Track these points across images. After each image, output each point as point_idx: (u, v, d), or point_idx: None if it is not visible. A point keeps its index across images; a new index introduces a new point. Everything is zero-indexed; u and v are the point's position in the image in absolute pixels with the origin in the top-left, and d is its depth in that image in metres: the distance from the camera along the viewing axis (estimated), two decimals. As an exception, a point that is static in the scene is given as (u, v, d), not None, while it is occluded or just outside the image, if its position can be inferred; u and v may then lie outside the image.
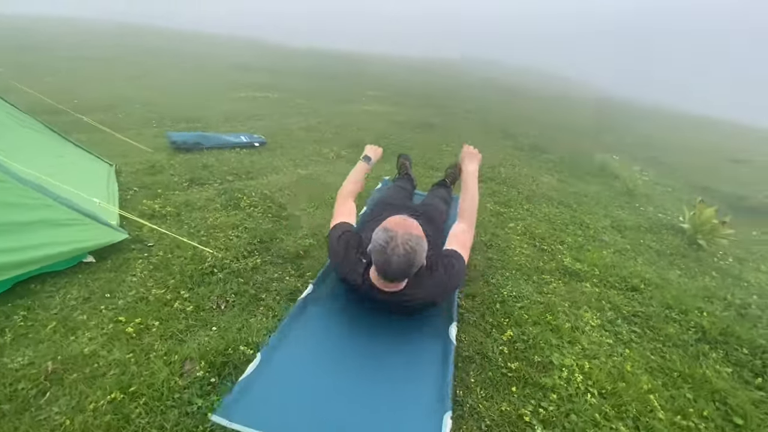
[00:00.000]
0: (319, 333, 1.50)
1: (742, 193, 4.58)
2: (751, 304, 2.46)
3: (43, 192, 1.93)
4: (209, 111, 5.43)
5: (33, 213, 1.86)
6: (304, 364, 1.34)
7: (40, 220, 1.87)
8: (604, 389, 1.65)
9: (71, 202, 2.01)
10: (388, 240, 1.27)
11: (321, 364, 1.36)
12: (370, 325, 1.57)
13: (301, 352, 1.39)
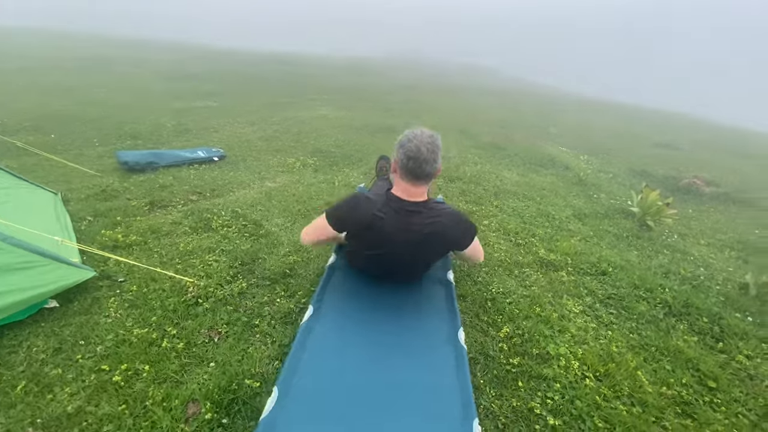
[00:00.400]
0: (330, 355, 1.47)
1: (673, 175, 5.12)
2: (700, 275, 2.76)
3: None
4: (154, 125, 5.07)
5: (-20, 259, 1.64)
6: (323, 391, 1.31)
7: (-10, 267, 1.65)
8: (598, 372, 1.77)
9: (23, 242, 1.79)
10: (414, 134, 1.48)
11: (340, 387, 1.33)
12: (379, 335, 1.58)
13: (316, 379, 1.35)
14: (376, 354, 1.50)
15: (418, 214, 1.52)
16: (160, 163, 3.56)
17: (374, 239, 1.59)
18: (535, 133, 6.90)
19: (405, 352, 1.52)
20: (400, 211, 1.52)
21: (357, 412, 1.24)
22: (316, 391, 1.30)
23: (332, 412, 1.23)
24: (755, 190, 4.72)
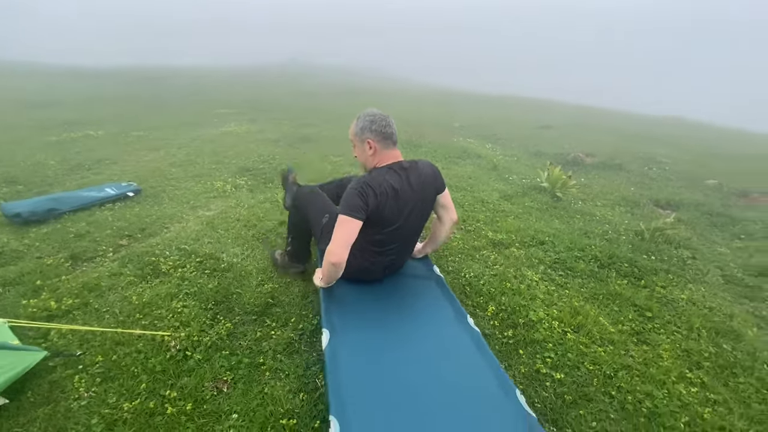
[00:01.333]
0: (365, 367, 1.50)
1: (561, 152, 6.08)
2: (608, 230, 3.39)
3: None
4: (32, 164, 4.20)
5: None
6: (376, 402, 1.33)
7: None
8: (573, 326, 2.09)
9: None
10: (372, 113, 1.80)
11: (389, 393, 1.38)
12: (400, 337, 1.68)
13: (364, 395, 1.36)
14: (404, 355, 1.57)
15: (410, 170, 1.80)
16: (63, 209, 3.00)
17: (394, 209, 1.75)
18: (443, 128, 7.49)
19: (429, 347, 1.62)
20: (401, 171, 1.77)
21: (416, 407, 1.32)
22: (371, 406, 1.32)
23: (396, 416, 1.28)
24: (622, 157, 5.88)
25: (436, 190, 1.95)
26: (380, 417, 1.28)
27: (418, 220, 1.93)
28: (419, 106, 11.26)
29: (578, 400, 1.66)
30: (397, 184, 1.74)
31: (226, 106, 8.91)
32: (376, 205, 1.70)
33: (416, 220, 1.91)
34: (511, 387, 1.42)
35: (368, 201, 1.68)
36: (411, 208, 1.82)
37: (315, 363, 1.76)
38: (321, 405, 1.55)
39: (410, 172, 1.80)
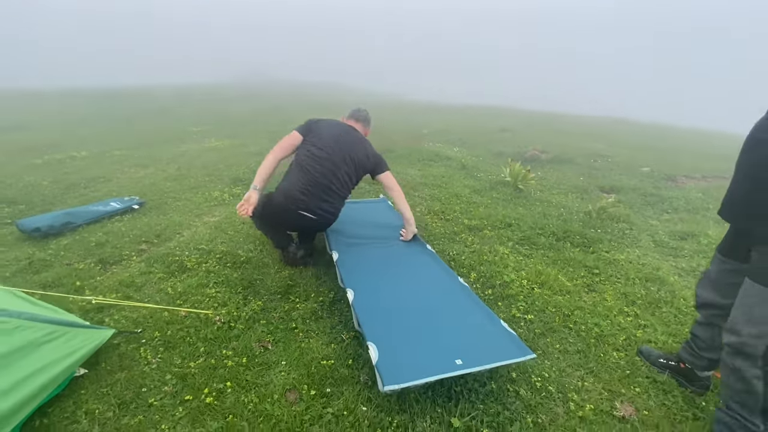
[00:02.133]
0: (384, 306, 1.99)
1: (519, 151, 6.78)
2: (562, 212, 4.00)
3: (6, 314, 1.60)
4: (24, 186, 4.30)
5: (10, 340, 1.54)
6: (400, 331, 1.78)
7: (18, 348, 1.56)
8: (538, 283, 2.62)
9: (37, 315, 1.72)
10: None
11: (408, 319, 1.85)
12: (409, 287, 2.22)
13: (391, 326, 1.81)
14: (412, 297, 2.10)
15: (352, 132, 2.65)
16: (78, 222, 3.22)
17: (324, 132, 2.56)
18: (412, 135, 8.06)
19: (432, 293, 2.13)
20: (343, 125, 2.69)
21: (432, 335, 1.78)
22: (395, 331, 1.76)
23: (413, 337, 1.73)
24: (571, 153, 6.65)
25: (369, 157, 2.63)
26: (402, 338, 1.73)
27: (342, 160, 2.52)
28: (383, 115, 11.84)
29: (545, 332, 2.16)
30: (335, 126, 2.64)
31: (198, 123, 9.07)
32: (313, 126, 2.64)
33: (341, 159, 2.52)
34: (496, 318, 1.90)
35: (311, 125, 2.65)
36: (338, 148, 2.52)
37: (337, 324, 2.17)
38: (350, 350, 1.95)
39: (352, 133, 2.64)
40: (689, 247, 3.40)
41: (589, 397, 1.75)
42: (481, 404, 1.65)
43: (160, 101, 13.44)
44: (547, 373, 1.87)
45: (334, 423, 1.56)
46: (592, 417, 1.65)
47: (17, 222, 3.11)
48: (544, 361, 1.95)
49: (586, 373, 1.90)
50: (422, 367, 1.57)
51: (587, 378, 1.86)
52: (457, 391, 1.71)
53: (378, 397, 1.67)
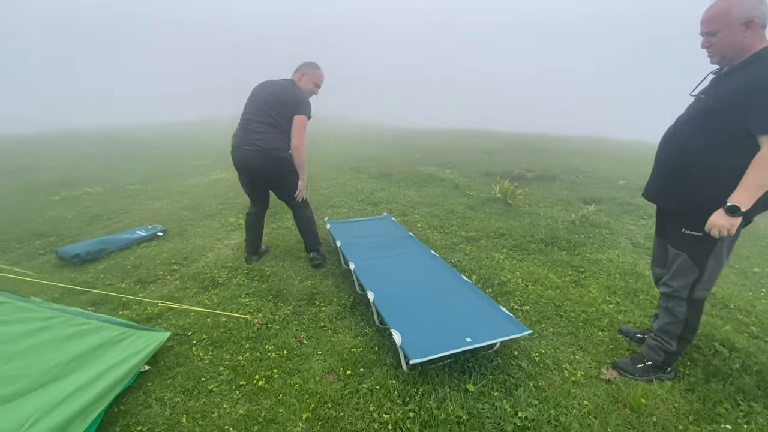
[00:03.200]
0: (397, 296, 2.37)
1: (506, 170, 7.28)
2: (549, 222, 4.41)
3: (86, 316, 1.91)
4: (51, 220, 4.59)
5: (91, 338, 1.85)
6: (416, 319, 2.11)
7: (100, 344, 1.86)
8: (531, 281, 2.97)
9: (110, 318, 2.01)
10: None
11: (422, 311, 2.21)
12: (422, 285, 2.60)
13: (408, 316, 2.14)
14: (425, 292, 2.45)
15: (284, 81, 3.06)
16: (111, 249, 3.52)
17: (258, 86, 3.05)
18: (406, 160, 8.56)
19: (439, 289, 2.49)
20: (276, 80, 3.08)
21: (443, 316, 2.13)
22: (411, 317, 2.11)
23: (427, 321, 2.08)
24: (554, 170, 7.17)
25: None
26: (419, 324, 2.07)
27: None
28: (377, 142, 12.43)
29: (540, 320, 2.51)
30: None
31: (200, 158, 9.47)
32: None
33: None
34: (496, 304, 2.26)
35: None
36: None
37: (360, 321, 2.48)
38: (374, 341, 2.27)
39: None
40: (662, 246, 3.81)
41: (580, 366, 2.08)
42: (490, 375, 1.97)
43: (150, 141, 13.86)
44: (544, 350, 2.20)
45: (370, 395, 1.86)
46: (583, 381, 1.98)
47: (57, 250, 3.40)
48: (540, 341, 2.29)
49: (577, 349, 2.23)
50: (439, 344, 1.90)
51: (577, 353, 2.20)
52: (469, 366, 2.03)
53: (404, 374, 1.98)
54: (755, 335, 2.42)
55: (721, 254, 1.72)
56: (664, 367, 1.97)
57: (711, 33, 1.61)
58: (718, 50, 1.62)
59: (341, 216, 4.59)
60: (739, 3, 1.53)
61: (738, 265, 3.50)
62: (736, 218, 1.54)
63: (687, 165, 1.70)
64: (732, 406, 1.84)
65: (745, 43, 1.55)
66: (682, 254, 1.78)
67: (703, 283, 1.77)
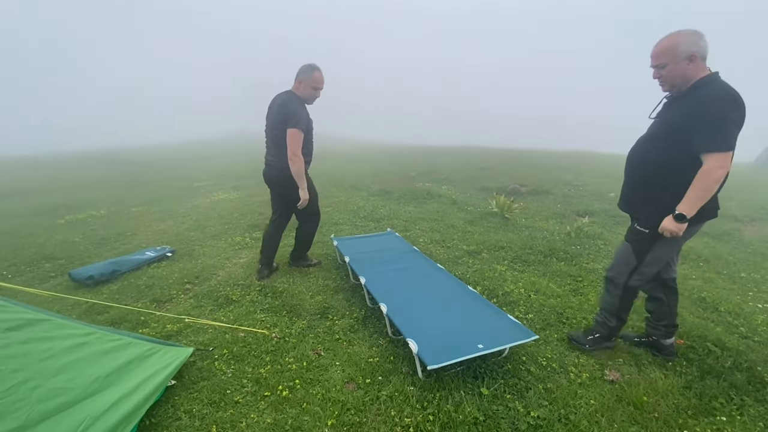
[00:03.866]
0: (410, 307, 2.50)
1: (501, 185, 7.51)
2: (546, 234, 4.60)
3: (117, 332, 2.00)
4: (60, 243, 4.65)
5: (124, 353, 1.94)
6: (430, 328, 2.23)
7: (132, 359, 1.95)
8: (533, 290, 3.12)
9: (140, 335, 2.11)
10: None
11: (434, 320, 2.33)
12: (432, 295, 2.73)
13: (422, 325, 2.27)
14: (435, 302, 2.59)
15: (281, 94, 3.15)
16: (123, 270, 3.60)
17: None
18: (403, 177, 8.78)
19: (447, 299, 2.61)
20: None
21: (454, 322, 2.28)
22: (425, 326, 2.23)
23: (438, 325, 2.21)
24: (547, 184, 7.42)
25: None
26: (433, 332, 2.19)
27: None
28: (369, 161, 12.68)
29: (545, 327, 2.64)
30: None
31: (201, 179, 9.60)
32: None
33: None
34: (503, 312, 2.40)
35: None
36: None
37: (374, 333, 2.60)
38: (389, 351, 2.38)
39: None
40: (654, 255, 4.01)
41: (585, 369, 2.21)
42: (501, 379, 2.10)
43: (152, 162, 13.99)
44: (550, 355, 2.33)
45: (389, 401, 1.97)
46: (588, 382, 2.11)
47: (71, 272, 3.47)
48: (546, 347, 2.42)
49: (580, 353, 2.37)
50: (453, 350, 2.02)
51: (581, 356, 2.33)
52: (481, 372, 2.15)
53: (420, 381, 2.09)
54: (744, 335, 2.58)
55: (659, 255, 2.05)
56: (609, 338, 2.36)
57: (660, 66, 1.88)
58: (667, 80, 1.89)
59: (345, 233, 4.72)
60: (682, 40, 1.80)
61: (726, 271, 3.69)
62: (683, 224, 1.82)
63: (643, 179, 2.03)
64: (726, 401, 1.98)
65: (689, 73, 1.82)
66: (627, 244, 2.13)
67: (638, 274, 2.11)
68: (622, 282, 2.16)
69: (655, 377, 2.14)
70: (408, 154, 15.50)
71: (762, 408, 1.95)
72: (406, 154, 15.15)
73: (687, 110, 1.80)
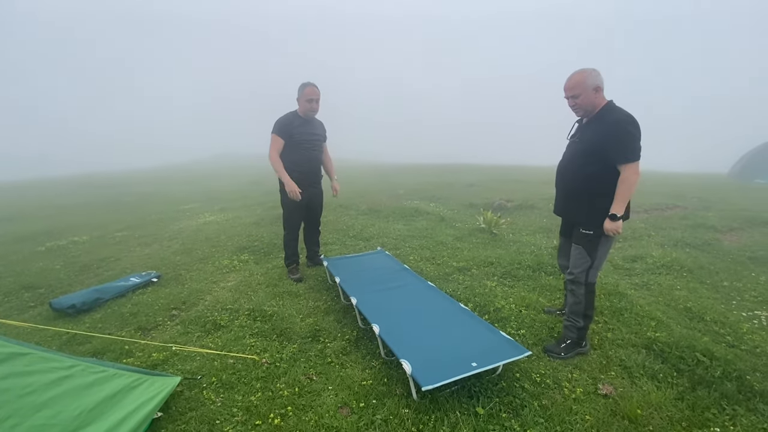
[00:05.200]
0: (403, 326, 2.48)
1: (488, 201, 7.62)
2: (534, 249, 4.65)
3: (102, 364, 1.93)
4: (40, 271, 4.49)
5: (109, 386, 1.87)
6: (423, 348, 2.21)
7: (117, 391, 1.88)
8: (524, 305, 3.14)
9: (123, 366, 2.04)
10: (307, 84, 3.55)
11: (427, 339, 2.31)
12: (423, 314, 2.71)
13: (415, 345, 2.25)
14: (427, 321, 2.57)
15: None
16: (106, 297, 3.49)
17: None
18: (391, 195, 8.83)
19: (439, 317, 2.61)
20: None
21: (445, 340, 2.27)
22: (418, 346, 2.20)
23: (431, 345, 2.19)
24: (532, 199, 7.56)
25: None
26: (426, 352, 2.17)
27: None
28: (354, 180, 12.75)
29: (537, 342, 2.65)
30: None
31: (187, 201, 9.48)
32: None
33: None
34: (495, 329, 2.40)
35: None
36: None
37: (366, 355, 2.56)
38: (382, 373, 2.35)
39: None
40: (639, 266, 4.08)
41: (578, 384, 2.21)
42: (496, 397, 2.08)
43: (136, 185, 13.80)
44: (543, 371, 2.33)
45: (385, 425, 1.93)
46: (582, 397, 2.11)
47: (52, 301, 3.35)
48: (539, 362, 2.42)
49: (573, 367, 2.37)
50: (447, 370, 2.01)
51: (574, 371, 2.34)
52: (476, 390, 2.13)
53: (415, 403, 2.06)
54: (731, 344, 2.63)
55: (605, 250, 2.39)
56: (580, 342, 2.51)
57: (574, 96, 2.32)
58: (581, 108, 2.34)
59: (335, 252, 4.70)
60: (588, 75, 2.26)
61: (709, 281, 3.78)
62: (619, 222, 2.23)
63: (577, 190, 2.42)
64: (719, 411, 2.00)
65: (596, 102, 2.30)
66: (579, 247, 2.42)
67: (594, 269, 2.40)
68: (583, 280, 2.41)
69: (647, 389, 2.16)
70: (395, 172, 15.67)
71: (754, 417, 1.97)
72: (394, 173, 15.31)
73: (602, 131, 2.24)
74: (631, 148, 2.17)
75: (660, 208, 6.84)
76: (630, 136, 2.17)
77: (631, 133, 2.17)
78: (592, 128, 2.32)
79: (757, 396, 2.11)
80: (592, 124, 2.33)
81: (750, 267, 4.10)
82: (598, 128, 2.28)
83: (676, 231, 5.36)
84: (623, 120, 2.20)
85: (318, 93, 3.55)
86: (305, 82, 3.54)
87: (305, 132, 3.60)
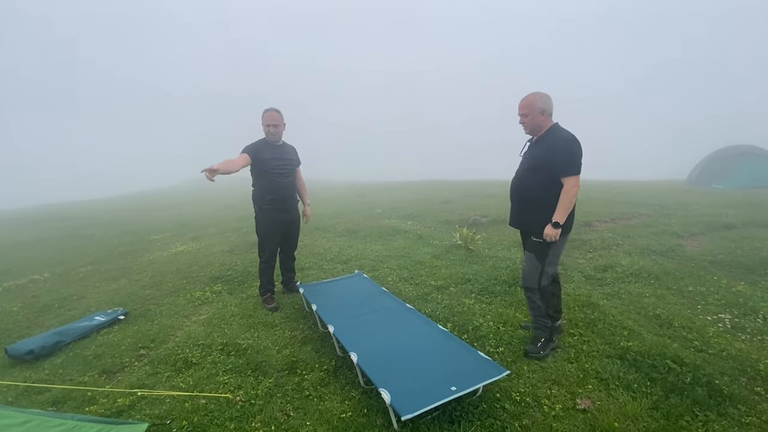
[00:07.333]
0: (378, 352, 2.44)
1: (463, 218, 7.73)
2: (509, 264, 4.72)
3: (60, 416, 1.80)
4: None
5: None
6: (401, 375, 2.17)
7: (76, 446, 1.74)
8: (501, 322, 3.16)
9: (85, 416, 1.90)
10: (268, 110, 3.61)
11: (405, 366, 2.28)
12: (402, 339, 2.69)
13: (394, 372, 2.21)
14: (406, 346, 2.56)
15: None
16: (67, 340, 3.28)
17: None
18: (368, 215, 8.83)
19: (418, 341, 2.60)
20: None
21: (426, 366, 2.24)
22: (396, 373, 2.17)
23: (410, 372, 2.16)
24: (505, 213, 7.70)
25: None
26: (405, 379, 2.14)
27: None
28: (335, 201, 12.73)
29: (515, 359, 2.66)
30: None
31: (156, 231, 9.16)
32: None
33: None
34: (473, 349, 2.40)
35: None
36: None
37: (345, 385, 2.50)
38: (362, 403, 2.29)
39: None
40: (610, 276, 4.21)
41: (557, 400, 2.23)
42: (477, 421, 2.06)
43: (100, 216, 13.27)
44: (523, 389, 2.33)
45: (365, 460, 1.87)
46: (562, 414, 2.12)
47: (7, 348, 3.12)
48: (518, 380, 2.42)
49: (551, 383, 2.39)
50: (426, 397, 1.98)
51: (553, 387, 2.35)
52: (457, 415, 2.10)
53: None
54: (699, 349, 2.72)
55: (555, 256, 2.67)
56: (551, 338, 2.73)
57: (524, 115, 2.62)
58: (528, 126, 2.64)
59: (312, 278, 4.63)
60: (538, 99, 2.55)
61: (675, 287, 3.93)
62: (558, 229, 2.48)
63: (528, 201, 2.67)
64: (692, 418, 2.05)
65: (543, 123, 2.60)
66: (531, 254, 2.68)
67: (545, 275, 2.66)
68: (536, 286, 2.67)
69: (623, 401, 2.19)
70: (372, 191, 15.73)
71: (725, 422, 2.03)
72: (371, 192, 15.36)
73: (547, 148, 2.53)
74: (573, 163, 2.45)
75: (626, 217, 7.12)
76: (572, 153, 2.45)
77: (574, 150, 2.45)
78: (539, 146, 2.61)
79: (726, 400, 2.17)
80: (540, 143, 2.61)
81: (712, 271, 4.30)
82: (544, 146, 2.57)
83: (642, 239, 5.57)
84: (567, 138, 2.50)
85: (277, 118, 3.54)
86: (267, 107, 3.59)
87: (276, 158, 3.58)
